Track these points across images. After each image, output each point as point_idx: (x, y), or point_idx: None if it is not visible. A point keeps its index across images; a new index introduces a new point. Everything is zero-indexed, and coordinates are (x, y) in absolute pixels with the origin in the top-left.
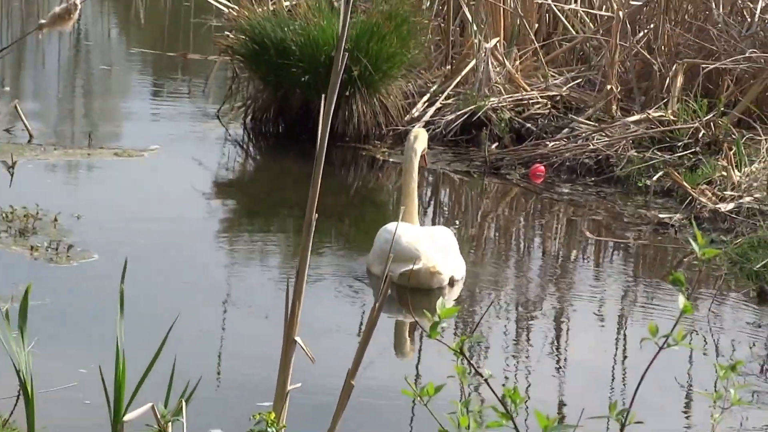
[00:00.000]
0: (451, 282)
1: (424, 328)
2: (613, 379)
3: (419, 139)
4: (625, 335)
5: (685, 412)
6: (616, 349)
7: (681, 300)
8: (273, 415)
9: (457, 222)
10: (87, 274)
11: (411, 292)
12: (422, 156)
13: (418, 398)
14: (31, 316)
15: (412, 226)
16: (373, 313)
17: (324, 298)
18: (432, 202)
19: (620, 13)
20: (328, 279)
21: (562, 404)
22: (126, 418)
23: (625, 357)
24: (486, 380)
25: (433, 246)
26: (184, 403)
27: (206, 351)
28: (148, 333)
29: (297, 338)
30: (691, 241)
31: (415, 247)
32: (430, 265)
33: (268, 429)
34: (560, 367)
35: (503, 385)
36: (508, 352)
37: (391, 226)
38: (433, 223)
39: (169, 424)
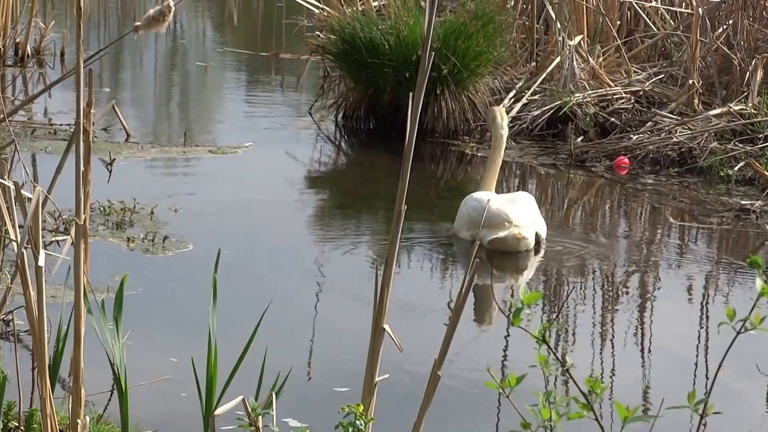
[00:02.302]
0: (537, 240)
1: (507, 315)
2: (696, 364)
3: (505, 118)
4: (707, 318)
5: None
6: (700, 332)
7: (758, 283)
8: (361, 408)
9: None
10: (182, 264)
11: (499, 254)
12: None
13: (501, 390)
14: (126, 305)
15: (495, 194)
16: (458, 300)
17: (414, 272)
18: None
19: (700, 9)
20: (417, 254)
21: (645, 391)
22: (217, 412)
23: (708, 340)
24: (567, 370)
25: (520, 211)
26: (274, 396)
27: (295, 338)
28: (240, 321)
29: (386, 326)
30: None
31: (505, 213)
32: (516, 232)
33: (357, 421)
34: (643, 352)
35: (591, 372)
36: (591, 336)
37: (478, 194)
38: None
39: (259, 417)
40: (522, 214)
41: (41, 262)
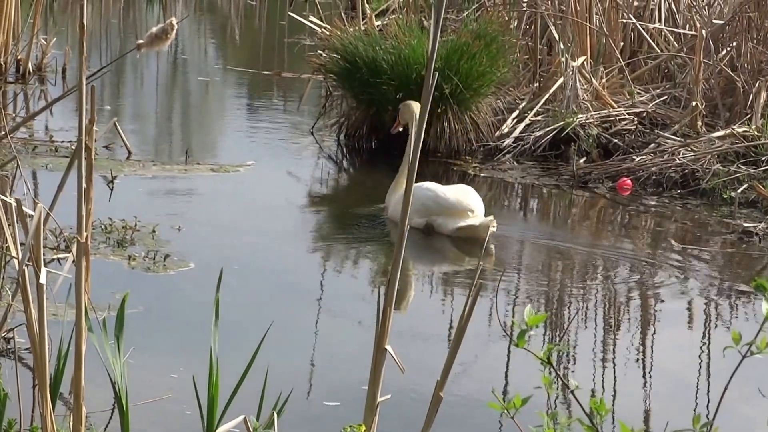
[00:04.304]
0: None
1: (509, 335)
2: (698, 388)
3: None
4: (711, 341)
5: None
6: (703, 355)
7: (765, 306)
8: (363, 428)
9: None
10: (183, 283)
11: (462, 242)
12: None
13: (505, 411)
14: (127, 323)
15: (440, 185)
16: (461, 322)
17: (416, 291)
18: (522, 213)
19: (703, 31)
20: (418, 272)
21: (648, 413)
22: (218, 431)
23: (710, 363)
24: (572, 392)
25: (477, 201)
26: (275, 416)
27: (297, 358)
28: (242, 340)
29: (387, 347)
30: None
31: (467, 203)
32: (490, 219)
33: None
34: (646, 374)
35: (592, 393)
36: (593, 358)
37: (427, 184)
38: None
39: None
40: (478, 204)
41: (42, 280)
